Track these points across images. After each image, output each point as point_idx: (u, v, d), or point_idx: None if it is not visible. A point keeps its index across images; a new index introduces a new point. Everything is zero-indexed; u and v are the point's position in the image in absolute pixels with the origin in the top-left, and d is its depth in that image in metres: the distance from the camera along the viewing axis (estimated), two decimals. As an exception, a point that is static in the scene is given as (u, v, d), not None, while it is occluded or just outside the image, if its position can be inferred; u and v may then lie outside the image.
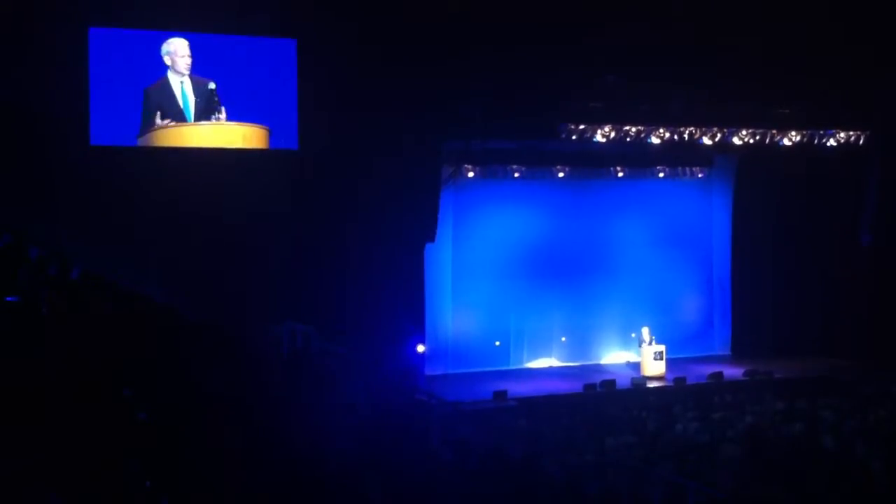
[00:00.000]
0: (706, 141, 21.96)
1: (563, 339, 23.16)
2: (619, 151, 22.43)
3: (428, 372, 20.22)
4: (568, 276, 22.96)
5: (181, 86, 17.75)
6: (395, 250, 19.50)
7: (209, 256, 16.75)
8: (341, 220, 18.84)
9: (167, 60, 17.68)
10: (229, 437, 7.58)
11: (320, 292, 18.11)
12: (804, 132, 22.47)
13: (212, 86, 17.74)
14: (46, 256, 10.55)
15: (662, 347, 21.54)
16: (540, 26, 19.35)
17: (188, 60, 17.71)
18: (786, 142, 22.42)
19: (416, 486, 8.84)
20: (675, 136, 21.70)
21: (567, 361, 23.03)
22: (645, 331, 21.69)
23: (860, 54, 20.95)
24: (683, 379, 20.74)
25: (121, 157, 17.23)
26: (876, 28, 20.81)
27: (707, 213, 24.67)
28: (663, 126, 21.44)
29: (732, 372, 21.49)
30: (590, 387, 19.95)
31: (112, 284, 11.02)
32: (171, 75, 17.72)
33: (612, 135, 21.13)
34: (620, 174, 23.35)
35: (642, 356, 21.65)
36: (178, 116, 17.72)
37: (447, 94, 18.93)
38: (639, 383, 20.67)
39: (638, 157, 23.00)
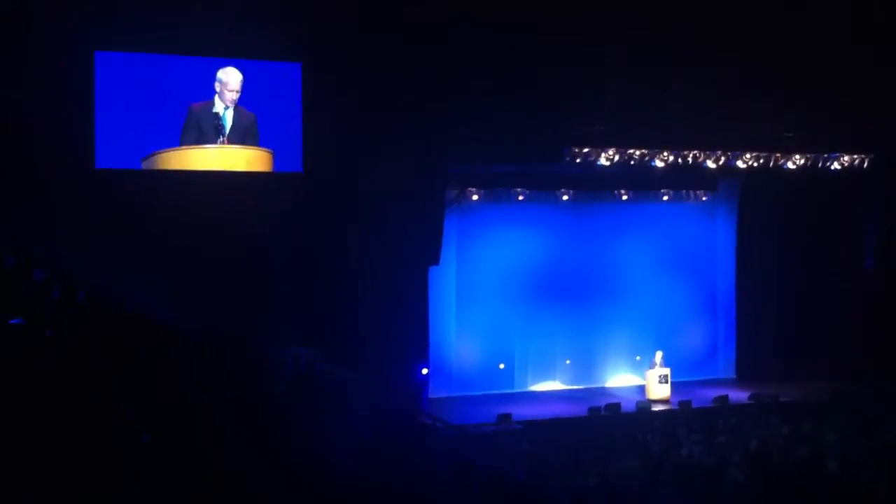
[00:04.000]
0: (710, 164, 21.99)
1: (568, 361, 23.08)
2: (622, 174, 22.45)
3: (431, 395, 20.14)
4: (572, 300, 22.89)
5: (224, 111, 18.06)
6: (399, 273, 19.48)
7: (213, 280, 16.74)
8: (345, 242, 18.84)
9: (217, 87, 18.02)
10: (233, 457, 7.56)
11: (324, 316, 18.09)
12: (808, 155, 22.49)
13: (253, 118, 18.23)
14: (51, 279, 10.56)
15: (667, 371, 21.46)
16: (543, 51, 19.46)
17: (235, 96, 18.10)
18: (790, 165, 22.44)
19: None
20: (679, 160, 21.74)
21: (571, 384, 22.94)
22: (658, 354, 21.58)
23: (865, 77, 21.01)
24: (689, 402, 20.66)
25: (125, 180, 17.29)
26: (881, 51, 20.87)
27: (711, 236, 24.61)
28: (667, 149, 21.49)
29: (737, 395, 21.39)
30: (594, 410, 19.90)
31: (117, 306, 11.03)
32: (217, 100, 18.03)
33: (616, 158, 21.18)
34: (624, 197, 23.37)
35: (647, 380, 21.58)
36: (213, 139, 17.98)
37: (451, 119, 18.98)
38: (644, 407, 20.60)
39: (642, 181, 23.02)
